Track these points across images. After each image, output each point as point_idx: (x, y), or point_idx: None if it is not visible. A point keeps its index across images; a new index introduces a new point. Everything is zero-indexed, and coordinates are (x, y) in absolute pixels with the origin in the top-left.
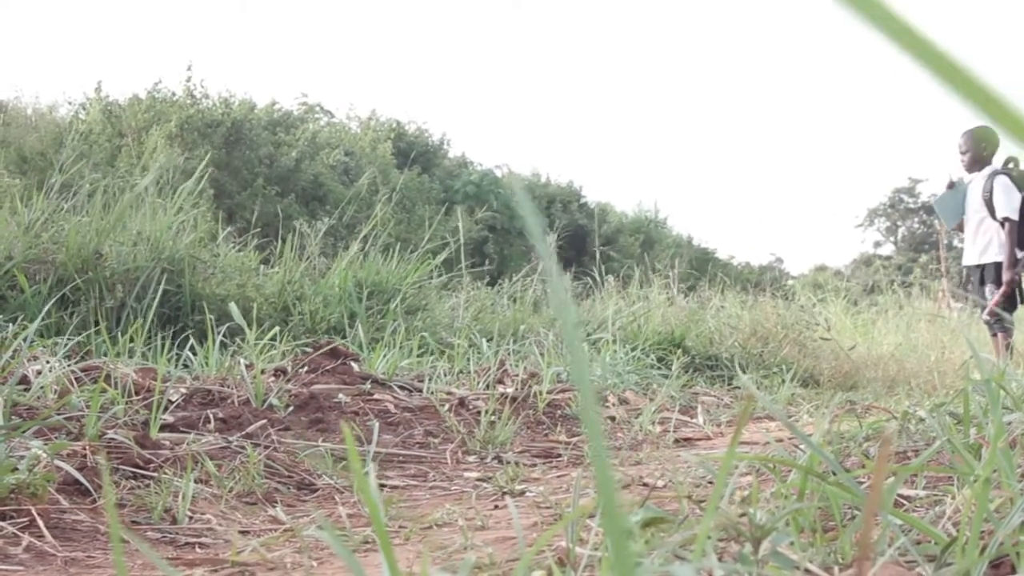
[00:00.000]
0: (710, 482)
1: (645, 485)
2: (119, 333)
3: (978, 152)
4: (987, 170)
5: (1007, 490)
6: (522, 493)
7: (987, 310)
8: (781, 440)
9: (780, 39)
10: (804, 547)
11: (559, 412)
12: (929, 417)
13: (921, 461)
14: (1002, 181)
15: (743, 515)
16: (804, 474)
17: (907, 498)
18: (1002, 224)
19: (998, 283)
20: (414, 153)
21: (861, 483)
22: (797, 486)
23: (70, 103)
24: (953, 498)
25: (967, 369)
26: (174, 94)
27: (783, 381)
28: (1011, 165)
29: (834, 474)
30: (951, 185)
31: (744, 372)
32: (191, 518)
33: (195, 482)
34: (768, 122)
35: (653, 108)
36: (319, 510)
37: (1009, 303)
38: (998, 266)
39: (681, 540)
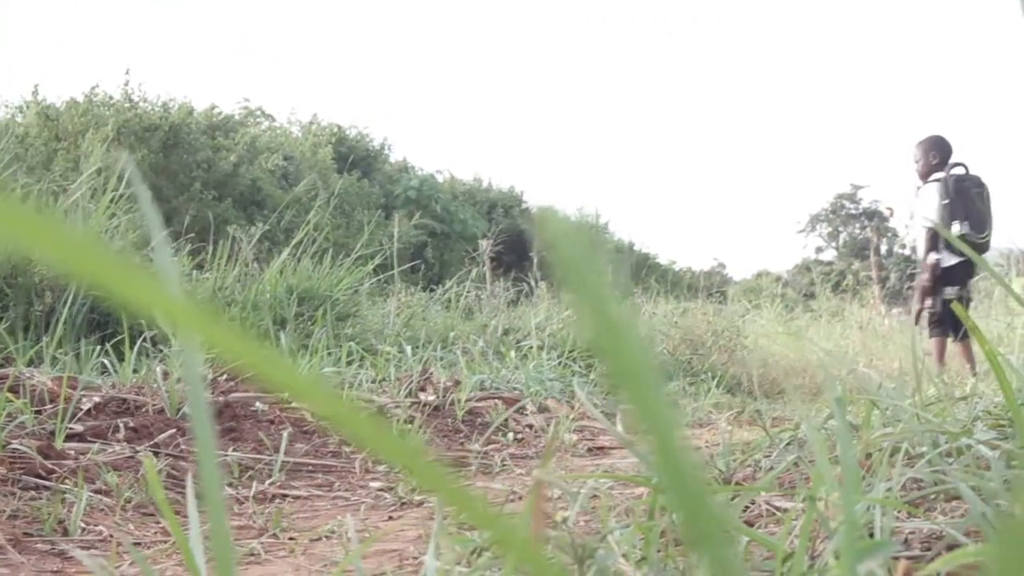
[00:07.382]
0: (620, 492)
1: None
2: (49, 340)
3: (928, 162)
4: (932, 177)
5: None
6: (420, 504)
7: (915, 315)
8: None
9: (720, 45)
10: (646, 563)
11: (479, 420)
12: (810, 431)
13: (770, 479)
14: (926, 190)
15: (598, 533)
16: (654, 491)
17: (783, 509)
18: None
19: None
20: (353, 157)
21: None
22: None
23: (6, 106)
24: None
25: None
26: (112, 98)
27: (709, 389)
28: (959, 171)
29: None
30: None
31: (672, 379)
32: (84, 529)
33: (96, 493)
34: (712, 127)
35: (595, 112)
36: None
37: (944, 313)
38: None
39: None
